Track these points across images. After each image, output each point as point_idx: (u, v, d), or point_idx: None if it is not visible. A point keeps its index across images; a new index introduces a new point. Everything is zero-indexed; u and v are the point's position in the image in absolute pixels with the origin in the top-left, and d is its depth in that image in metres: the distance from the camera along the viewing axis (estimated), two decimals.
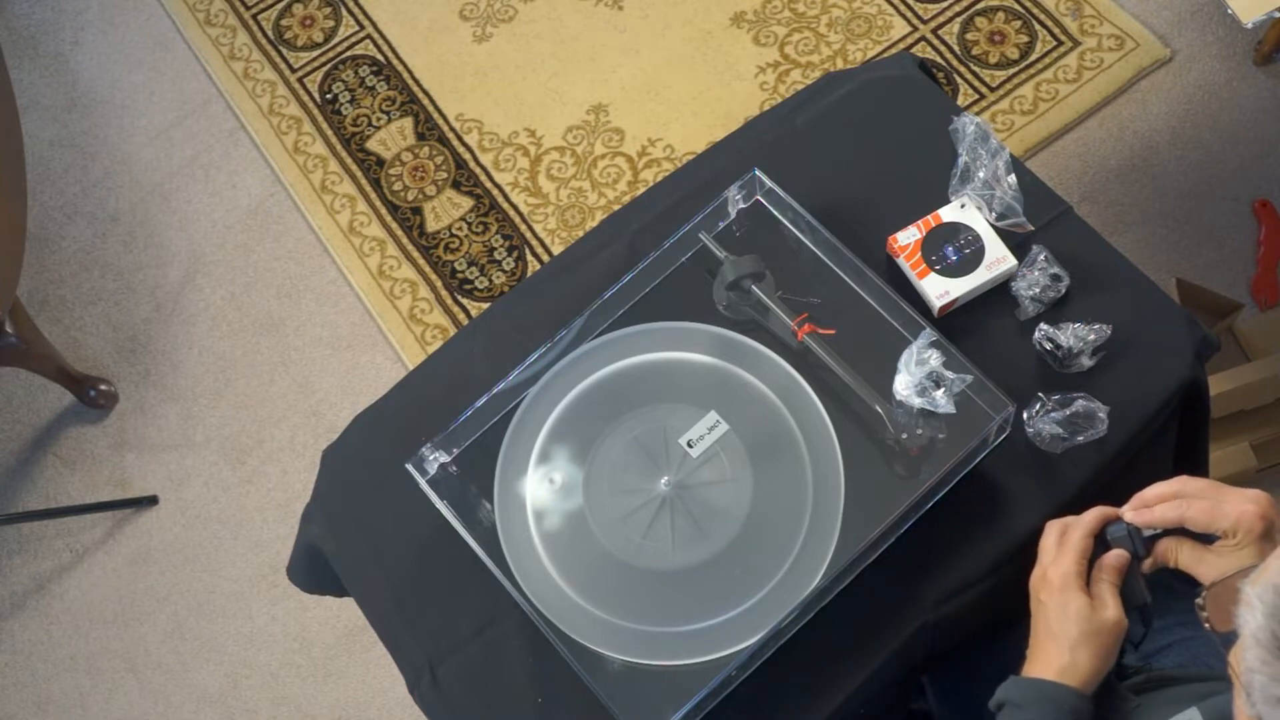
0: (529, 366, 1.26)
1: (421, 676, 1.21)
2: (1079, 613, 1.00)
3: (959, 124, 1.32)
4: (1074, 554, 1.03)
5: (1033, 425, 1.19)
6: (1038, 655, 1.03)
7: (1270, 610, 0.73)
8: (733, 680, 1.12)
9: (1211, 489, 1.01)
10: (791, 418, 1.22)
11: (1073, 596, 1.01)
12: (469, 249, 2.28)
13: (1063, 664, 1.00)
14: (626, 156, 2.32)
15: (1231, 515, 0.97)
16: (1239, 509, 0.97)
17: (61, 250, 2.42)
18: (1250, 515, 0.97)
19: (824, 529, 1.17)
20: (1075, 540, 1.04)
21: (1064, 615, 1.01)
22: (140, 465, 2.22)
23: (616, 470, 1.22)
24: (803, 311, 1.25)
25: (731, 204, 1.32)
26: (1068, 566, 1.02)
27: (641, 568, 1.18)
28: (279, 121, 2.47)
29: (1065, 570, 1.02)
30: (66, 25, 2.68)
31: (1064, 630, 1.01)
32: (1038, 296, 1.25)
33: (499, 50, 2.47)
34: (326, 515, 1.31)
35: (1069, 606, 1.01)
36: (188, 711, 2.04)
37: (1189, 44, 2.28)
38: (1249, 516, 0.97)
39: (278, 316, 2.30)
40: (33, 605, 2.14)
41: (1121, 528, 1.04)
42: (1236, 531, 0.97)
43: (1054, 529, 1.06)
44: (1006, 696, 1.02)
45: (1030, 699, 1.00)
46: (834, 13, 2.40)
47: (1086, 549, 1.04)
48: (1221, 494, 1.00)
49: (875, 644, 1.16)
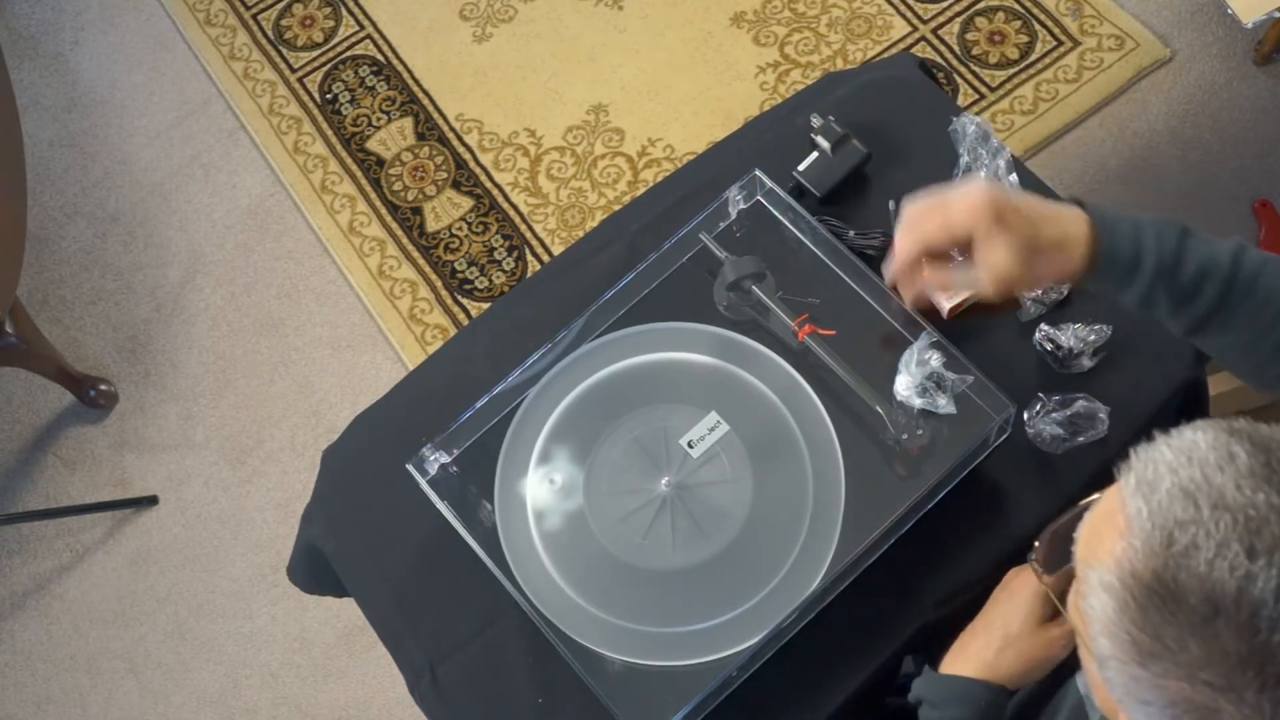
0: (529, 367, 1.26)
1: (422, 676, 1.21)
2: (1029, 618, 0.99)
3: (959, 124, 1.32)
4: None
5: (1033, 426, 1.19)
6: (961, 647, 1.02)
7: (1120, 605, 0.67)
8: (733, 681, 1.12)
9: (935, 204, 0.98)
10: (792, 418, 1.22)
11: (1035, 603, 1.00)
12: (469, 249, 2.28)
13: (986, 659, 0.99)
14: (626, 156, 2.32)
15: (964, 213, 0.94)
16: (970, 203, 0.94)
17: (61, 250, 2.42)
18: (974, 199, 0.94)
19: (824, 529, 1.17)
20: None
21: (1014, 613, 1.00)
22: (140, 465, 2.22)
23: (617, 470, 1.22)
24: (803, 312, 1.25)
25: (732, 204, 1.32)
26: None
27: (642, 568, 1.18)
28: (279, 121, 2.47)
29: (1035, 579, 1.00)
30: (66, 25, 2.68)
31: (1005, 625, 1.00)
32: (1039, 298, 1.25)
33: (499, 50, 2.47)
34: (327, 515, 1.31)
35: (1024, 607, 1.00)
36: (188, 711, 2.04)
37: (1189, 44, 2.28)
38: (979, 207, 0.94)
39: (278, 316, 2.30)
40: (33, 605, 2.14)
41: None
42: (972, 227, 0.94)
43: None
44: (923, 694, 1.02)
45: (944, 699, 1.00)
46: (834, 13, 2.40)
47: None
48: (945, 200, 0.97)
49: (875, 644, 1.16)
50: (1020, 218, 0.94)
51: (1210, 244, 0.95)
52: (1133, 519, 0.68)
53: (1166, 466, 0.69)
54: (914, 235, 0.98)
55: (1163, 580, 0.66)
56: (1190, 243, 0.95)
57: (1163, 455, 0.69)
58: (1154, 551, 0.66)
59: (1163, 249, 0.94)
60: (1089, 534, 0.73)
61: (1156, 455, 0.70)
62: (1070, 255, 0.95)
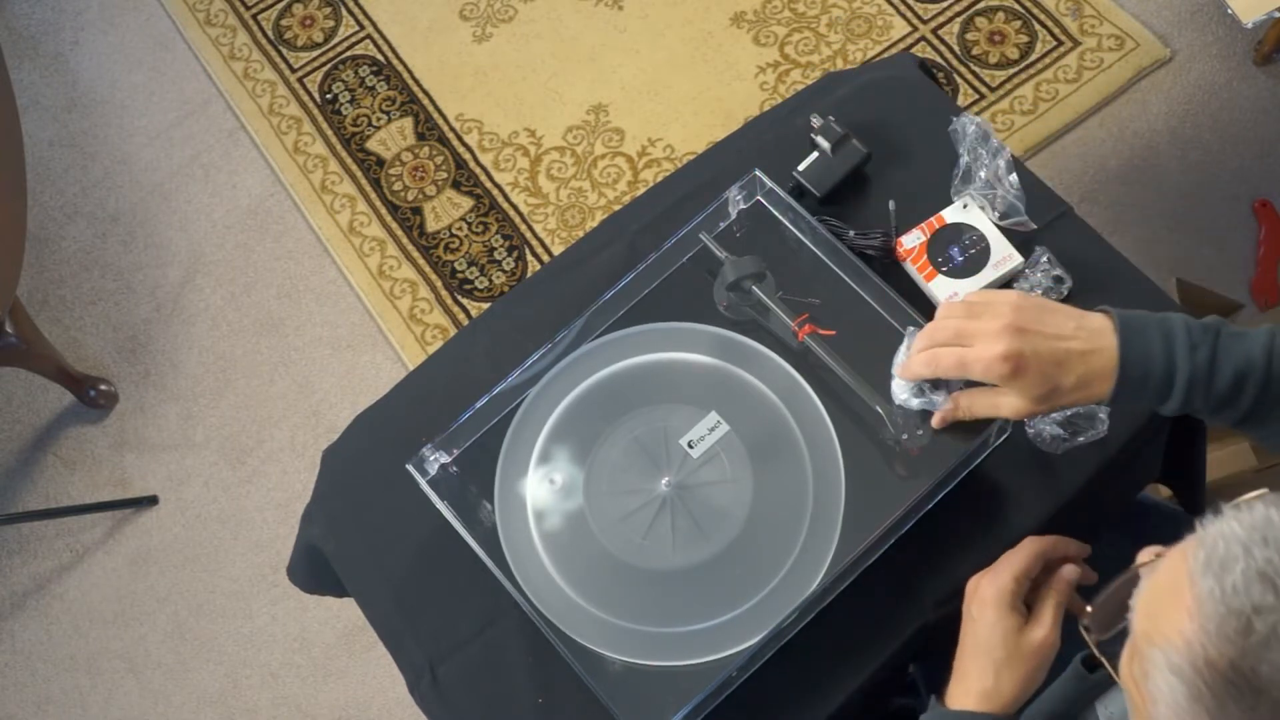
0: (529, 367, 1.26)
1: (421, 676, 1.21)
2: (1008, 634, 0.97)
3: (959, 124, 1.32)
4: (1014, 570, 0.99)
5: (1033, 426, 1.19)
6: (961, 676, 0.99)
7: (1193, 693, 0.64)
8: (733, 681, 1.12)
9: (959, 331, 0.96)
10: (792, 418, 1.22)
11: (1004, 614, 0.97)
12: (469, 249, 2.28)
13: (985, 687, 0.97)
14: (626, 156, 2.32)
15: (977, 369, 0.94)
16: (980, 358, 0.93)
17: (61, 250, 2.42)
18: (992, 360, 0.93)
19: (824, 529, 1.17)
20: (1021, 559, 1.00)
21: (993, 634, 0.97)
22: (140, 465, 2.22)
23: (617, 470, 1.22)
24: (803, 312, 1.25)
25: (732, 204, 1.32)
26: (1004, 583, 0.98)
27: (642, 568, 1.18)
28: (279, 121, 2.47)
29: (1001, 586, 0.99)
30: (66, 25, 2.68)
31: (990, 650, 0.97)
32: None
33: (499, 50, 2.47)
34: (327, 516, 1.31)
35: (999, 624, 0.97)
36: (188, 711, 2.04)
37: (1189, 44, 2.28)
38: (992, 364, 0.93)
39: (278, 316, 2.30)
40: (33, 605, 2.14)
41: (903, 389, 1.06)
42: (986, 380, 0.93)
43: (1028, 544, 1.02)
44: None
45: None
46: (834, 13, 2.40)
47: (1031, 569, 1.00)
48: (969, 338, 0.95)
49: (875, 644, 1.16)
50: (1040, 365, 0.93)
51: (1243, 340, 0.93)
52: (1204, 600, 0.65)
53: (1241, 546, 0.65)
54: (929, 367, 0.99)
55: (1241, 671, 0.63)
56: (1223, 344, 0.93)
57: (1234, 532, 0.66)
58: (1229, 639, 0.63)
59: (1195, 362, 0.92)
60: (1150, 605, 0.70)
61: (1227, 531, 0.66)
62: (1095, 391, 0.94)
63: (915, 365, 1.02)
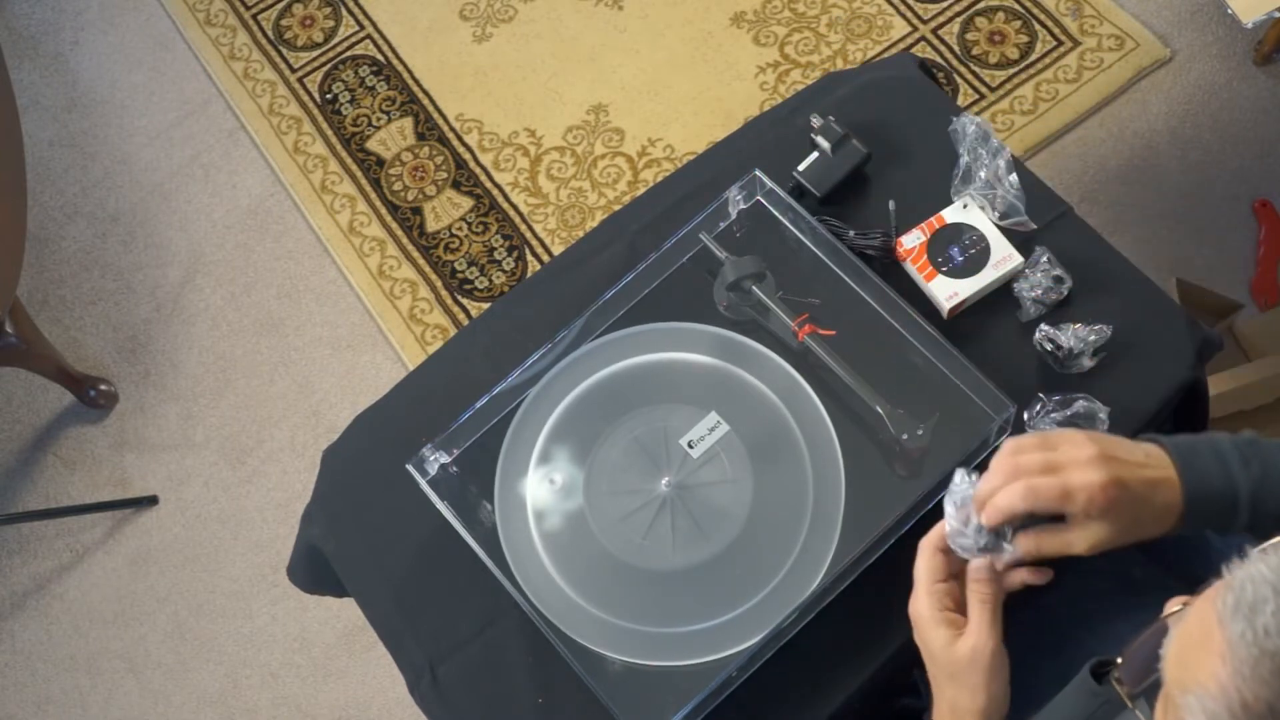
0: (529, 367, 1.26)
1: (421, 676, 1.21)
2: (941, 650, 0.96)
3: (959, 124, 1.32)
4: (921, 583, 0.98)
5: (1033, 426, 1.19)
6: (934, 697, 0.99)
7: None
8: (733, 681, 1.12)
9: (1047, 462, 0.93)
10: (792, 418, 1.22)
11: (931, 632, 0.96)
12: (469, 249, 2.28)
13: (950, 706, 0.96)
14: (626, 156, 2.32)
15: (1080, 498, 0.91)
16: (1085, 486, 0.91)
17: (61, 250, 2.42)
18: (1095, 489, 0.91)
19: (824, 529, 1.17)
20: (919, 567, 0.99)
21: (931, 653, 0.97)
22: (140, 465, 2.22)
23: (617, 471, 1.22)
24: (803, 312, 1.25)
25: (732, 204, 1.32)
26: (918, 602, 0.98)
27: (642, 568, 1.18)
28: (279, 121, 2.47)
29: (916, 608, 0.98)
30: (66, 25, 2.68)
31: (936, 669, 0.97)
32: (1040, 298, 1.25)
33: (499, 50, 2.47)
34: (327, 515, 1.31)
35: (931, 643, 0.97)
36: (188, 711, 2.04)
37: (1189, 44, 2.28)
38: (1095, 493, 0.90)
39: (278, 316, 2.30)
40: (33, 605, 2.14)
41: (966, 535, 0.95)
42: (1087, 510, 0.91)
43: (922, 552, 1.00)
44: None
45: None
46: (834, 13, 2.40)
47: (935, 571, 0.98)
48: (1062, 468, 0.93)
49: (875, 645, 1.16)
50: (1132, 494, 0.92)
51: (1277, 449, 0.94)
52: (1235, 643, 0.64)
53: (1270, 587, 0.65)
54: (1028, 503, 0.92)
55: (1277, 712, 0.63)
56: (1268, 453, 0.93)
57: (1262, 574, 0.66)
58: (1264, 680, 0.63)
59: (1252, 474, 0.92)
60: (1181, 653, 0.70)
61: (1255, 574, 0.66)
62: (1168, 521, 0.93)
63: (1012, 499, 0.93)
